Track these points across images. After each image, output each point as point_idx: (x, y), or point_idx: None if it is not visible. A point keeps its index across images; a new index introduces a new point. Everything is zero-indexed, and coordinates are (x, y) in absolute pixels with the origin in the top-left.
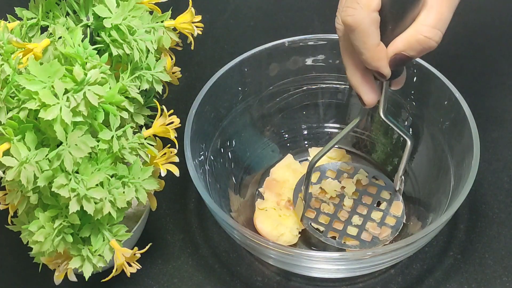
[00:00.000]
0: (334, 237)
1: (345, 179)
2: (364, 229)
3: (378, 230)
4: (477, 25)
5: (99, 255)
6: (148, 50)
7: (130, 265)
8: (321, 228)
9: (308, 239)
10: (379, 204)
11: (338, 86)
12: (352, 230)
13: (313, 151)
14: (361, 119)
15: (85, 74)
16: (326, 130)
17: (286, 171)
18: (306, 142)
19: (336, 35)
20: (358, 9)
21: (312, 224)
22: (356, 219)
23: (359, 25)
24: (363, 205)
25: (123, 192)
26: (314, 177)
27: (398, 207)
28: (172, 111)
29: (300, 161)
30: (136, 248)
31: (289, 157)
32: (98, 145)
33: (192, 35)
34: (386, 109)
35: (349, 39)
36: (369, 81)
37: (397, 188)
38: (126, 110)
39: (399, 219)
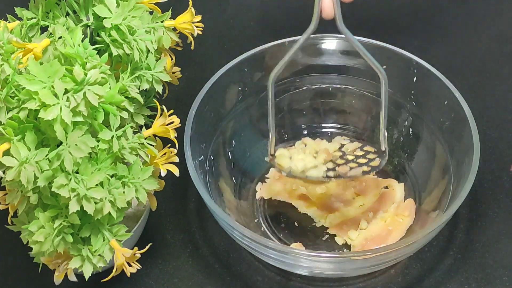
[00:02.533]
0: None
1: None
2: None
3: (347, 170)
4: (477, 25)
5: (99, 255)
6: (148, 50)
7: (130, 265)
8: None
9: (307, 240)
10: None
11: (338, 86)
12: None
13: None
14: (316, 25)
15: (85, 74)
16: (326, 130)
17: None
18: None
19: (337, 35)
20: None
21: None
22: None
23: None
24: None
25: (123, 192)
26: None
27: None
28: (172, 111)
29: None
30: (136, 248)
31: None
32: (98, 145)
33: (192, 35)
34: (341, 19)
35: None
36: None
37: (383, 148)
38: (126, 110)
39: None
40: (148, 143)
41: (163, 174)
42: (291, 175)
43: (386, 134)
